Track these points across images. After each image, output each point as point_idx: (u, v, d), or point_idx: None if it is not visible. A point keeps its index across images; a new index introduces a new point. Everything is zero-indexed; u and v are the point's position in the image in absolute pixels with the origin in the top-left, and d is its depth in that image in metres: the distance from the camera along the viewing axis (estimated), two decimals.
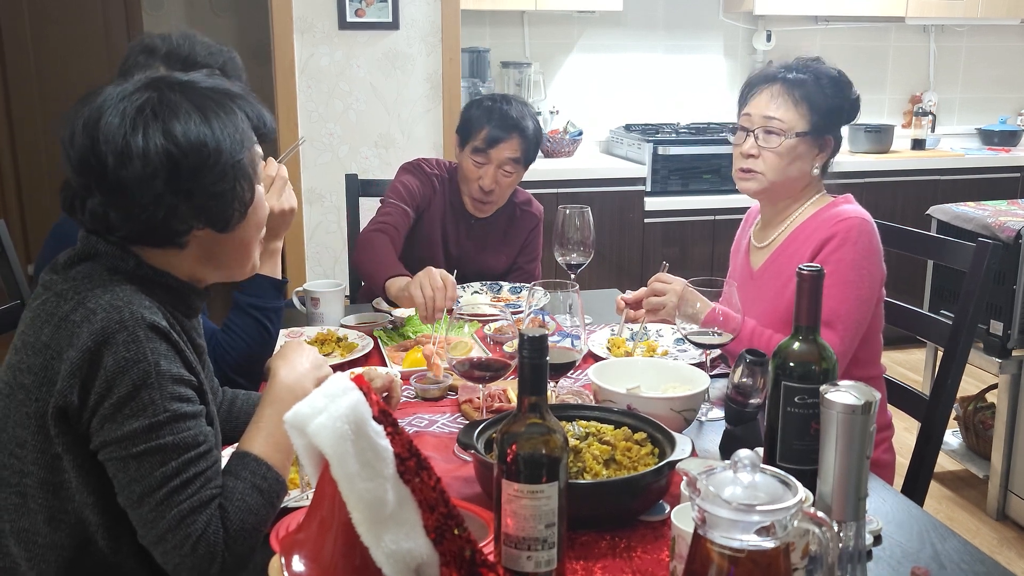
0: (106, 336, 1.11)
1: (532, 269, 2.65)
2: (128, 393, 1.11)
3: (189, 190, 1.17)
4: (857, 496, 1.09)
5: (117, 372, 1.11)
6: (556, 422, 1.06)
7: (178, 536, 1.11)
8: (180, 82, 1.22)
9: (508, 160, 2.40)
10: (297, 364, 1.36)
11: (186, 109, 1.18)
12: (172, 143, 1.15)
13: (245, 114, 1.25)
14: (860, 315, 1.85)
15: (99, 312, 1.13)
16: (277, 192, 1.73)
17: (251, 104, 1.28)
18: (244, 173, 1.23)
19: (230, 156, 1.19)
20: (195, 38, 1.78)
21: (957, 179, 4.39)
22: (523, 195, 2.64)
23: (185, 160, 1.16)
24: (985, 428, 3.19)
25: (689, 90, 4.64)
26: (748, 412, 1.48)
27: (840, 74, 1.96)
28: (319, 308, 2.21)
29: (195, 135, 1.17)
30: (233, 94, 1.26)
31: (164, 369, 1.14)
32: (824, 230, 1.89)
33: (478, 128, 2.40)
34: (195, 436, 1.15)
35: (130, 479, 1.12)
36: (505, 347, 1.53)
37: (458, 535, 0.98)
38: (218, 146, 1.18)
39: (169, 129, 1.16)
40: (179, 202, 1.17)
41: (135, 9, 5.05)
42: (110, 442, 1.12)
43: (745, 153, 1.96)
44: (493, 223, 2.58)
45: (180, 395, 1.15)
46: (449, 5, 3.79)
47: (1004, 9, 4.52)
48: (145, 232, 1.19)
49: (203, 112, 1.19)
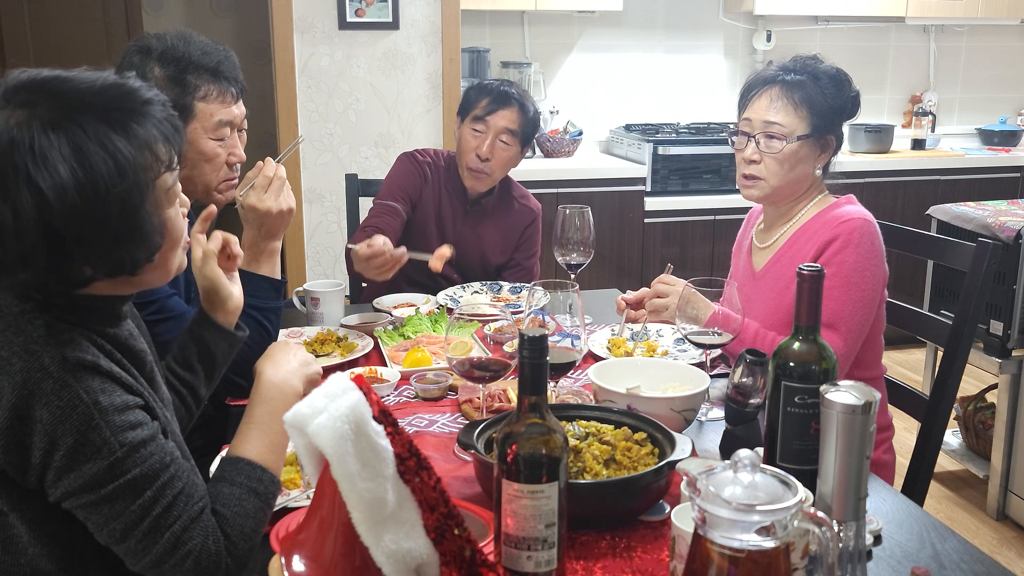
0: (30, 389, 1.03)
1: (530, 266, 2.65)
2: (75, 441, 1.04)
3: (80, 255, 1.04)
4: (857, 496, 1.09)
5: (55, 423, 1.03)
6: (556, 422, 1.06)
7: (177, 556, 1.09)
8: (61, 104, 1.02)
9: (505, 130, 2.44)
10: (283, 362, 1.35)
11: (61, 154, 0.99)
12: (46, 209, 0.99)
13: (152, 132, 1.08)
14: (863, 317, 1.85)
15: (15, 362, 1.04)
16: (275, 192, 1.73)
17: (158, 111, 1.10)
18: (146, 222, 1.07)
19: (122, 209, 1.03)
20: (191, 37, 1.77)
21: (957, 179, 4.39)
22: (521, 189, 2.67)
23: (66, 228, 1.01)
24: (985, 428, 3.19)
25: (689, 90, 4.64)
26: (748, 412, 1.48)
27: (839, 72, 1.96)
28: (319, 308, 2.21)
29: (72, 194, 0.99)
30: (131, 108, 1.06)
31: (105, 405, 1.06)
32: (827, 231, 1.88)
33: (478, 100, 2.46)
34: (160, 460, 1.10)
35: (106, 519, 1.08)
36: (505, 347, 1.53)
37: (458, 535, 0.98)
38: (104, 205, 1.01)
39: (39, 189, 0.99)
40: (71, 266, 1.05)
41: (135, 9, 5.06)
42: (73, 491, 1.06)
43: (747, 159, 1.96)
44: (489, 207, 2.59)
45: (130, 423, 1.08)
46: (449, 5, 3.79)
47: (1004, 9, 4.52)
48: (42, 293, 1.08)
49: (82, 158, 1.00)
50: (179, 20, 5.12)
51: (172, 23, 5.08)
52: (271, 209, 1.71)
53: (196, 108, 1.74)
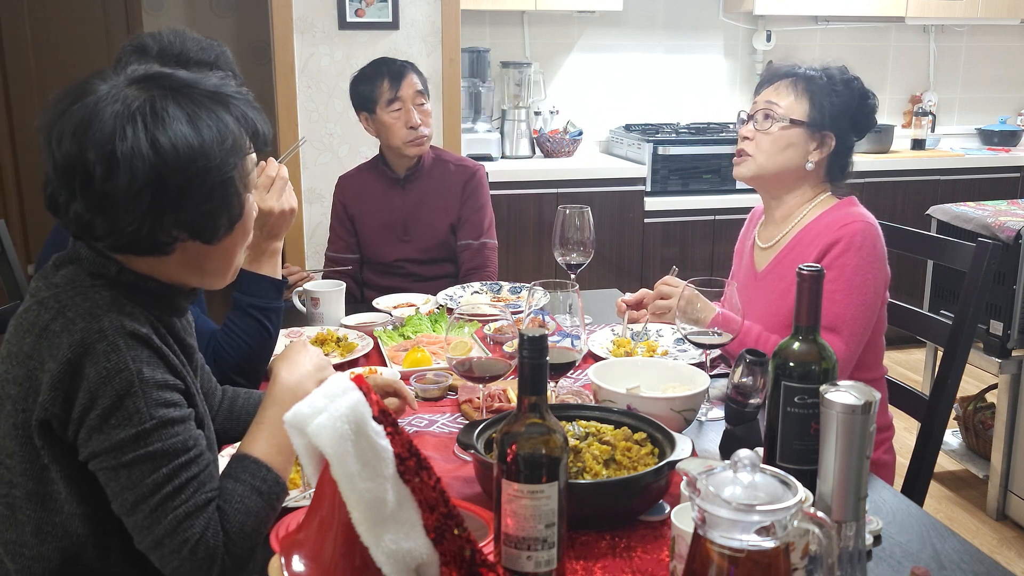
0: (86, 347, 1.10)
1: (480, 220, 2.69)
2: (112, 403, 1.10)
3: (176, 206, 1.14)
4: (857, 496, 1.09)
5: (100, 383, 1.10)
6: (556, 422, 1.06)
7: (175, 541, 1.10)
8: (176, 85, 1.17)
9: (415, 94, 2.58)
10: (299, 365, 1.35)
11: (178, 117, 1.13)
12: (161, 158, 1.11)
13: (242, 122, 1.21)
14: (865, 320, 1.85)
15: (78, 322, 1.11)
16: (277, 192, 1.73)
17: (250, 110, 1.24)
18: (233, 189, 1.19)
19: (219, 172, 1.15)
20: (186, 35, 1.78)
21: (957, 179, 4.39)
22: (455, 155, 2.80)
23: (172, 177, 1.12)
24: (985, 428, 3.19)
25: (689, 90, 4.64)
26: (748, 412, 1.48)
27: (857, 80, 1.97)
28: (319, 308, 2.21)
29: (185, 149, 1.12)
30: (231, 100, 1.21)
31: (147, 376, 1.12)
32: (829, 234, 1.88)
33: (378, 86, 2.58)
34: (184, 441, 1.14)
35: (122, 487, 1.11)
36: (505, 347, 1.53)
37: (458, 535, 0.98)
38: (208, 163, 1.14)
39: (157, 140, 1.11)
40: (164, 216, 1.14)
41: (135, 9, 5.05)
42: (99, 453, 1.11)
43: (742, 135, 2.00)
44: (424, 179, 2.68)
45: (166, 401, 1.14)
46: (449, 5, 3.79)
47: (1004, 9, 4.52)
48: (129, 244, 1.16)
49: (195, 123, 1.14)
50: (179, 20, 5.12)
51: (172, 23, 5.07)
52: (273, 209, 1.72)
53: None
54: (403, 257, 2.68)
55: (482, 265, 2.65)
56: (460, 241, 2.68)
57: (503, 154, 4.20)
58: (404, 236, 2.66)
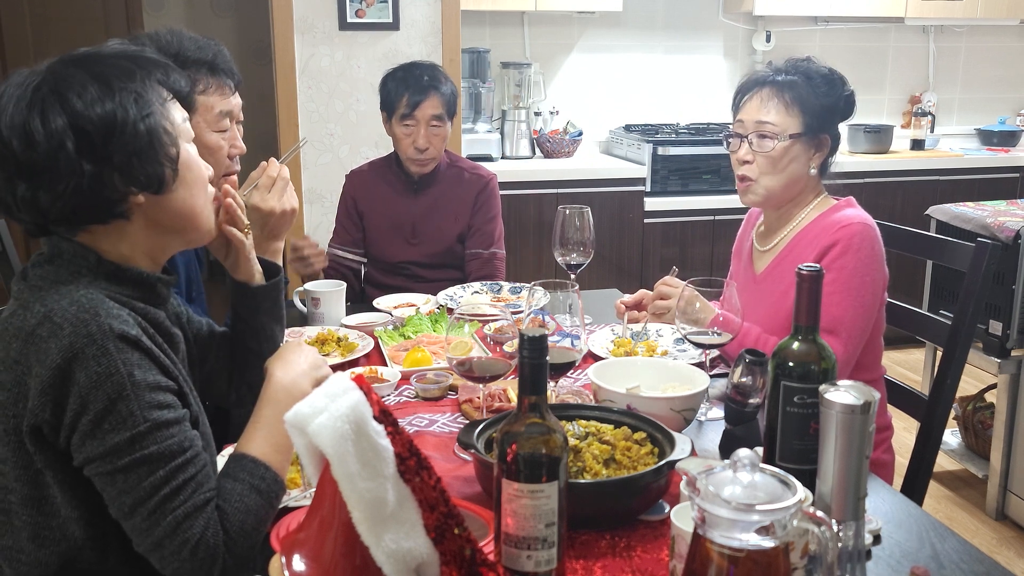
0: (75, 352, 1.09)
1: (491, 231, 2.69)
2: (105, 407, 1.09)
3: (106, 155, 1.14)
4: (856, 496, 1.09)
5: (90, 387, 1.09)
6: (556, 422, 1.07)
7: (175, 542, 1.10)
8: (80, 56, 1.19)
9: (432, 117, 2.55)
10: (294, 364, 1.35)
11: (82, 81, 1.14)
12: (72, 116, 1.12)
13: (153, 77, 1.21)
14: (863, 322, 1.85)
15: (65, 327, 1.10)
16: (278, 193, 1.73)
17: (159, 66, 1.23)
18: (159, 129, 1.18)
19: (138, 116, 1.15)
20: (183, 34, 1.78)
21: (956, 179, 4.39)
22: (470, 162, 2.77)
23: (92, 126, 1.13)
24: (984, 428, 3.19)
25: (689, 90, 4.64)
26: (748, 412, 1.49)
27: (831, 71, 1.96)
28: (319, 308, 2.21)
29: (95, 103, 1.13)
30: (137, 58, 1.21)
31: (139, 379, 1.12)
32: (827, 236, 1.88)
33: (398, 98, 2.56)
34: (180, 443, 1.14)
35: (119, 492, 1.11)
36: (505, 347, 1.53)
37: (458, 534, 0.98)
38: (124, 111, 1.14)
39: (67, 103, 1.12)
40: (101, 169, 1.14)
41: (135, 9, 5.06)
42: (94, 458, 1.11)
43: (740, 159, 1.97)
44: (438, 185, 2.67)
45: (159, 403, 1.14)
46: (449, 5, 3.79)
47: (1004, 9, 4.53)
48: (80, 207, 1.16)
49: (102, 81, 1.15)
50: (179, 20, 5.13)
51: (173, 23, 5.08)
52: (274, 209, 1.72)
53: (197, 102, 1.74)
54: (409, 259, 2.68)
55: (491, 275, 2.65)
56: (469, 250, 2.67)
57: (503, 154, 4.21)
58: (412, 239, 2.66)
